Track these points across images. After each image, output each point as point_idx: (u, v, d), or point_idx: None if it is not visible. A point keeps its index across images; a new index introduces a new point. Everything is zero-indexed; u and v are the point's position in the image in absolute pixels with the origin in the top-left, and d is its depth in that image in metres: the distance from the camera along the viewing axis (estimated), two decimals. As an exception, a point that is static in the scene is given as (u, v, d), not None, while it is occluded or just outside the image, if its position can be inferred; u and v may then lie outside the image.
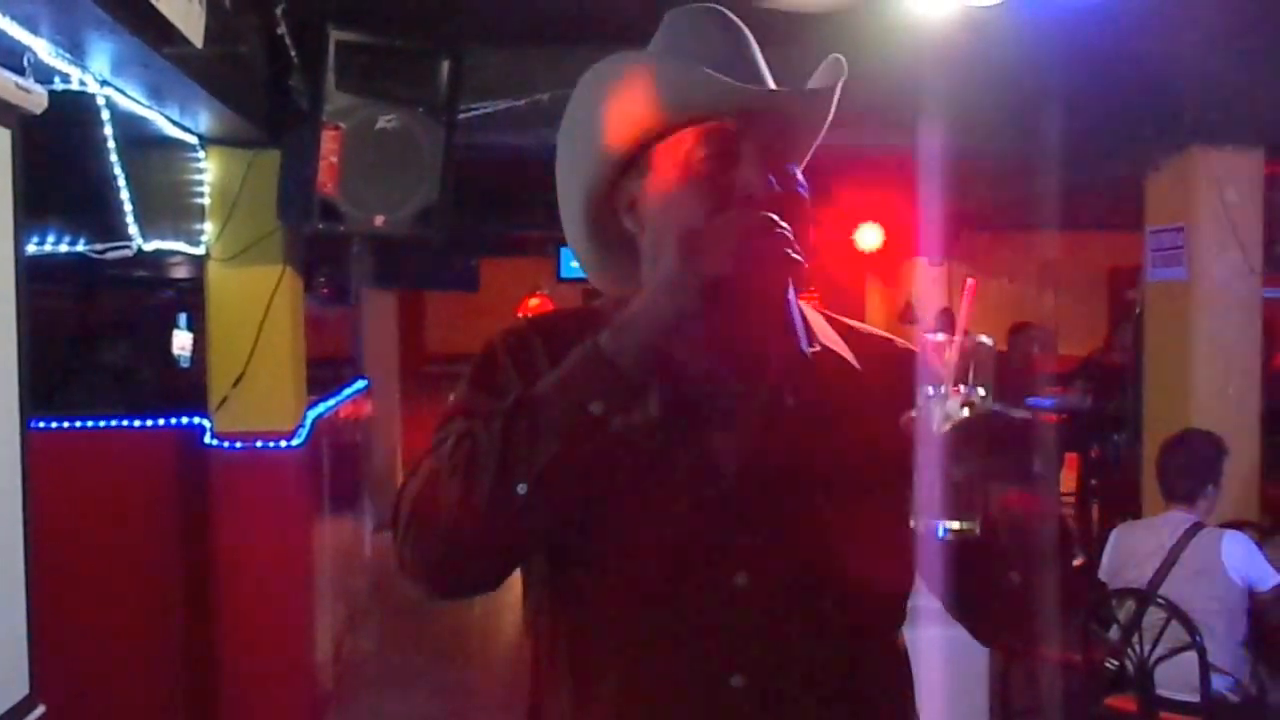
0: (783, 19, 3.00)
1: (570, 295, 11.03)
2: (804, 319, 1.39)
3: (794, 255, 1.21)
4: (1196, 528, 3.86)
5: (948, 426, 1.14)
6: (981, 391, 1.15)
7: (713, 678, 1.26)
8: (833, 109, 1.38)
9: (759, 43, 1.38)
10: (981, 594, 1.31)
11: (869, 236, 9.89)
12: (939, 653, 4.43)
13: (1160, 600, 3.78)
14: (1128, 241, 6.91)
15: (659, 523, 1.28)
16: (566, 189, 1.43)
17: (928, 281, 13.34)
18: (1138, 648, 3.82)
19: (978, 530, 1.15)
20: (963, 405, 1.14)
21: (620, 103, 1.32)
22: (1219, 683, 3.76)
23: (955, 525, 1.15)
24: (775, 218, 1.21)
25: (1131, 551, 3.99)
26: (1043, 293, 11.65)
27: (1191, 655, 3.69)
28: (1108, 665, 4.00)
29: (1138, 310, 5.80)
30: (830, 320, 1.44)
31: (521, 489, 1.19)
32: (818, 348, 1.37)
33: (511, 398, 1.25)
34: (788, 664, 1.28)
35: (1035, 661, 4.72)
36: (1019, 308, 10.81)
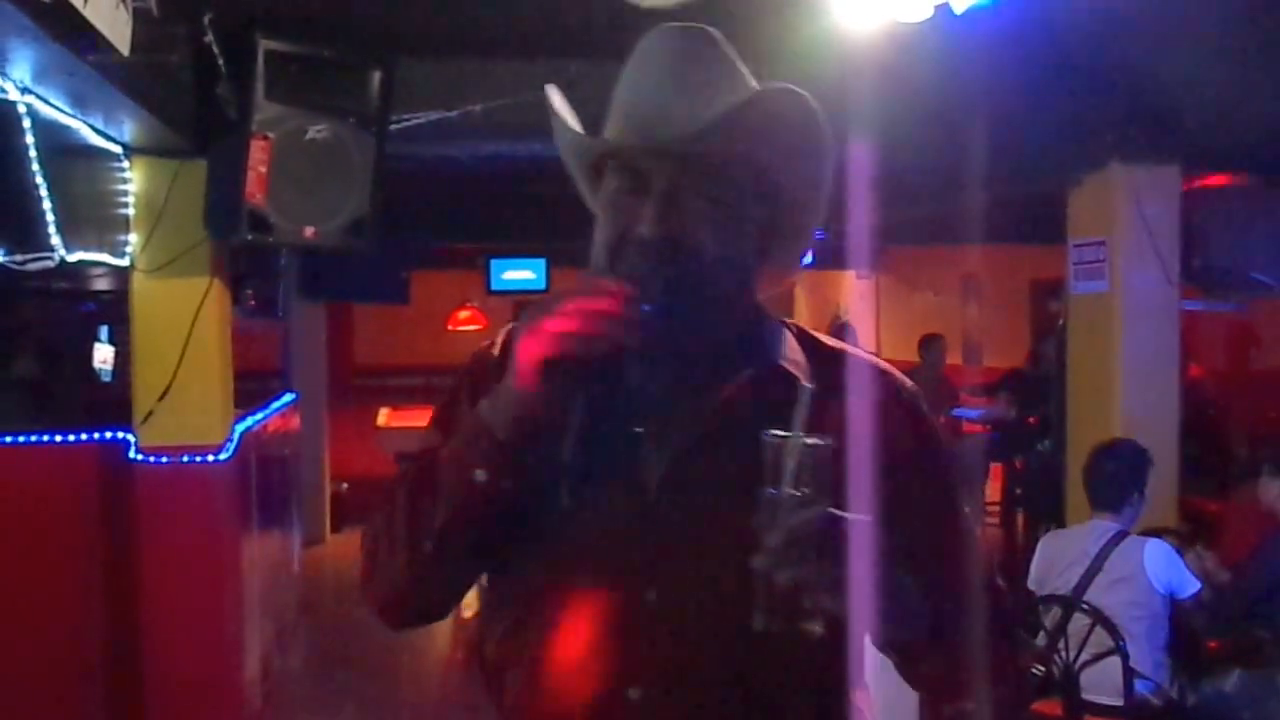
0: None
1: (501, 307, 10.99)
2: (762, 337, 1.39)
3: (619, 325, 1.20)
4: (1120, 536, 3.94)
5: (775, 534, 1.12)
6: (807, 490, 1.13)
7: (610, 688, 1.28)
8: (749, 133, 1.30)
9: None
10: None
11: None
12: (868, 655, 4.48)
13: (1085, 606, 3.85)
14: (1049, 254, 7.05)
15: (579, 534, 1.31)
16: None
17: (856, 295, 13.51)
18: (1063, 653, 3.89)
19: (818, 630, 1.14)
20: (800, 506, 1.12)
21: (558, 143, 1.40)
22: (1141, 687, 3.84)
23: (770, 623, 1.13)
24: (604, 288, 1.22)
25: (1057, 559, 4.06)
26: (966, 305, 11.84)
27: (1115, 660, 3.76)
28: (1034, 671, 4.06)
29: (1061, 322, 5.92)
30: (804, 337, 1.43)
31: (428, 546, 1.30)
32: (766, 364, 1.35)
33: (425, 459, 1.35)
34: (686, 682, 1.28)
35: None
36: (943, 321, 10.98)
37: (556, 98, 1.38)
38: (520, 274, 9.41)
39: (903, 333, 10.97)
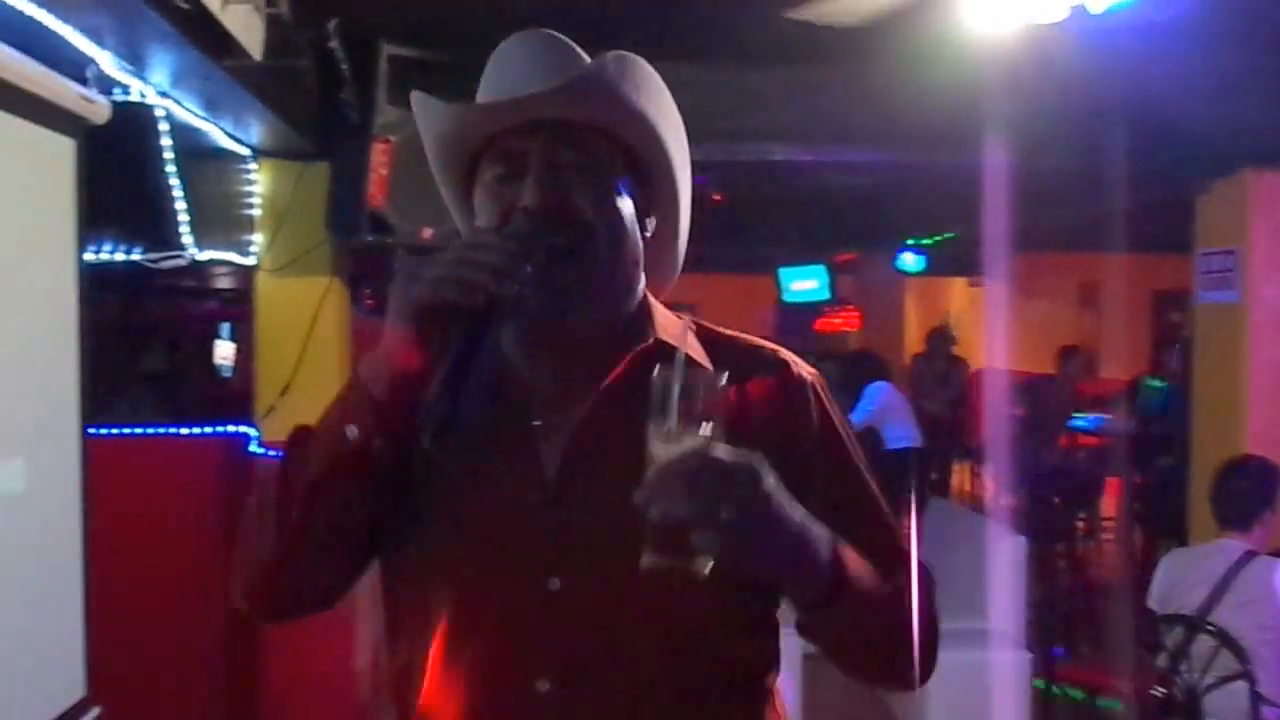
0: (844, 37, 3.00)
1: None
2: (651, 322, 1.37)
3: (499, 276, 1.19)
4: (1249, 556, 3.80)
5: (652, 468, 1.10)
6: (707, 430, 1.11)
7: (518, 681, 1.26)
8: (606, 96, 1.30)
9: (819, 60, 1.37)
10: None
11: (911, 258, 9.87)
12: (978, 676, 4.40)
13: (1210, 627, 3.73)
14: (1171, 264, 6.85)
15: (480, 522, 1.30)
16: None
17: (967, 302, 13.29)
18: (1185, 675, 3.78)
19: (704, 571, 1.11)
20: (679, 440, 1.10)
21: (429, 141, 1.42)
22: (1269, 714, 3.70)
23: (656, 562, 1.10)
24: (485, 242, 1.22)
25: (1181, 578, 3.94)
26: (1084, 315, 11.58)
27: (1241, 684, 3.63)
28: (1155, 693, 3.95)
29: (1185, 333, 5.76)
30: (699, 328, 1.42)
31: (294, 514, 1.26)
32: (649, 341, 1.34)
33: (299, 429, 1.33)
34: (594, 672, 1.26)
35: (1079, 686, 4.68)
36: (1058, 330, 10.75)
37: (419, 97, 1.40)
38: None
39: (1014, 341, 10.76)
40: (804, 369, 1.40)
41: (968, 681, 4.38)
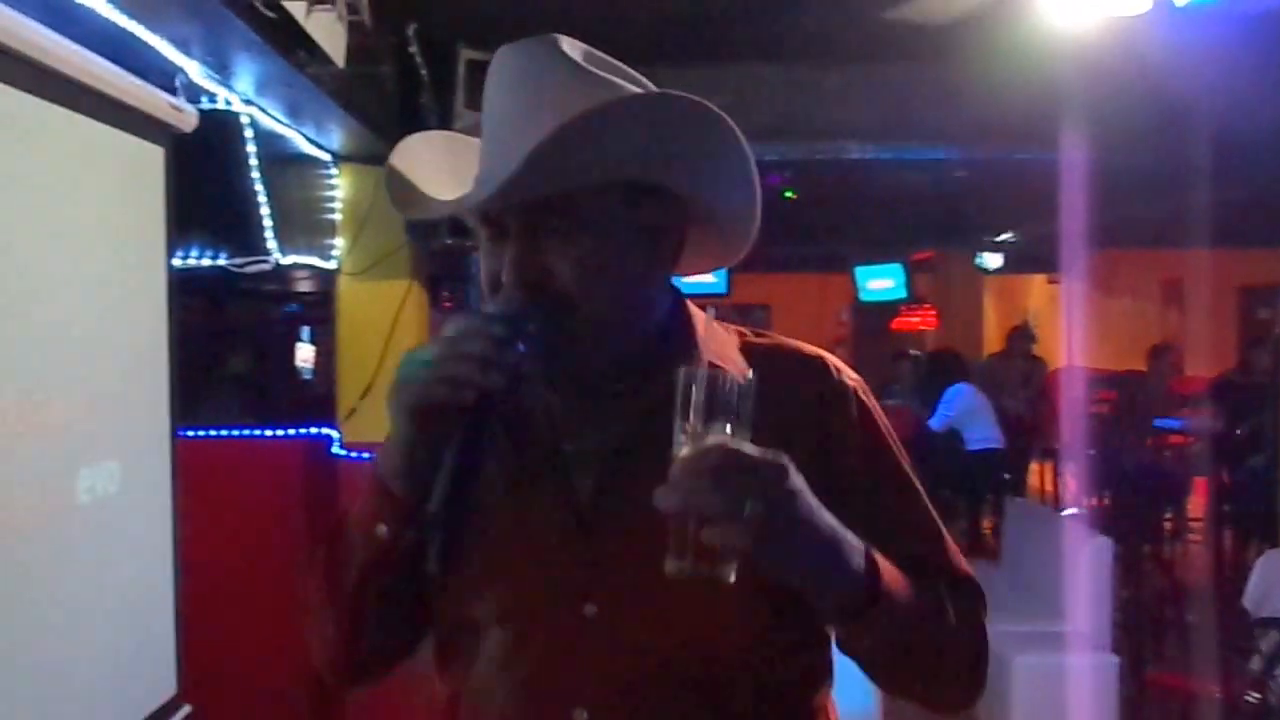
0: (922, 35, 2.98)
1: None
2: (680, 336, 1.32)
3: (486, 369, 1.15)
4: (1346, 557, 3.71)
5: (674, 466, 1.06)
6: (729, 429, 1.07)
7: (557, 710, 1.25)
8: (586, 163, 1.20)
9: (897, 58, 1.30)
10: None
11: (990, 257, 9.74)
12: (1063, 679, 4.33)
13: (1306, 632, 3.64)
14: (1260, 259, 6.70)
15: (514, 550, 1.28)
16: None
17: (1045, 299, 13.08)
18: (1280, 680, 3.68)
19: (729, 578, 1.06)
20: (700, 437, 1.06)
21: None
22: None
23: (680, 568, 1.06)
24: (471, 330, 1.17)
25: (1278, 580, 3.85)
26: (1168, 312, 11.36)
27: (1340, 690, 3.54)
28: (1249, 699, 3.86)
29: (1277, 330, 5.62)
30: (742, 338, 1.37)
31: (345, 606, 1.31)
32: (684, 360, 1.26)
33: (335, 519, 1.34)
34: (633, 699, 1.24)
35: (1168, 691, 4.58)
36: (1143, 327, 10.54)
37: (401, 159, 1.33)
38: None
39: (1095, 339, 10.57)
40: (846, 374, 1.35)
41: (1052, 685, 4.31)
